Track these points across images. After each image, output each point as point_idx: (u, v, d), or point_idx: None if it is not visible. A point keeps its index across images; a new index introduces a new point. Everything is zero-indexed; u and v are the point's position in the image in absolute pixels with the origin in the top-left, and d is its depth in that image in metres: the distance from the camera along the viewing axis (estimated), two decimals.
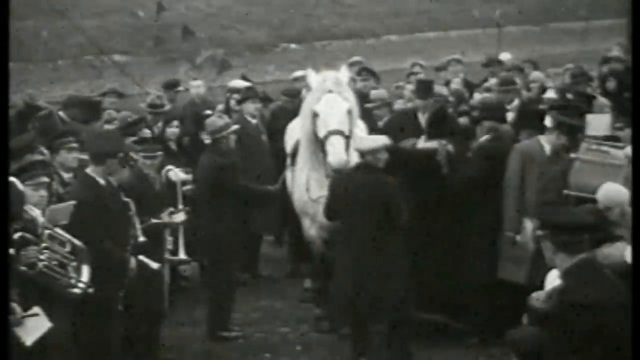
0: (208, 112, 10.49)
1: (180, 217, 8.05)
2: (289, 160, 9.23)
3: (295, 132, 9.33)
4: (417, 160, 8.62)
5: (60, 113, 11.28)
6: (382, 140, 7.93)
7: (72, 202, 6.72)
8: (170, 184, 8.46)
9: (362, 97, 10.61)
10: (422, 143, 8.85)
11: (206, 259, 9.13)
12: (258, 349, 8.64)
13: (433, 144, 8.63)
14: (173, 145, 9.79)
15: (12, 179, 6.26)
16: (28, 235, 6.22)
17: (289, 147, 9.37)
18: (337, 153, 7.99)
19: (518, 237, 8.06)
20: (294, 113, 9.82)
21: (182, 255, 8.20)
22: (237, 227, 8.65)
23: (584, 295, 5.16)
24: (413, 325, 8.07)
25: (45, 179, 6.74)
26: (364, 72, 12.06)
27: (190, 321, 9.16)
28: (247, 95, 10.62)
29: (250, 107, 10.41)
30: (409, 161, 8.58)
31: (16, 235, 6.11)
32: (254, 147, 10.10)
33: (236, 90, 11.29)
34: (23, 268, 6.13)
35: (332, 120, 8.15)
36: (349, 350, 8.13)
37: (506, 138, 8.61)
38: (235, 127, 8.82)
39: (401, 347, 7.94)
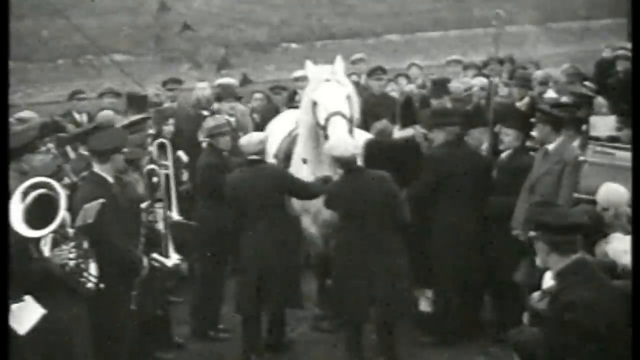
0: (204, 112, 10.62)
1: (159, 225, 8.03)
2: (274, 158, 9.22)
3: (277, 132, 9.34)
4: (400, 150, 8.71)
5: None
6: (351, 148, 7.90)
7: (100, 201, 6.79)
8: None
9: (375, 97, 10.72)
10: (397, 132, 9.03)
11: (198, 258, 9.17)
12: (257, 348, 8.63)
13: (408, 132, 8.80)
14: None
15: (49, 180, 6.37)
16: (58, 236, 6.36)
17: (273, 147, 9.33)
18: (338, 133, 7.98)
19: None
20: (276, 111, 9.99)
21: (173, 256, 8.14)
22: (228, 226, 8.64)
23: (577, 295, 5.16)
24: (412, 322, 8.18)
25: (68, 180, 6.98)
26: (378, 71, 12.05)
27: (189, 320, 9.14)
28: (222, 94, 10.83)
29: (225, 106, 10.70)
30: (391, 152, 8.67)
31: (50, 236, 6.26)
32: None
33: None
34: (57, 267, 6.28)
35: (331, 104, 8.17)
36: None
37: (464, 143, 8.66)
38: (227, 128, 8.88)
39: (392, 347, 7.99)
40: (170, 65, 25.78)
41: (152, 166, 8.40)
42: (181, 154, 9.78)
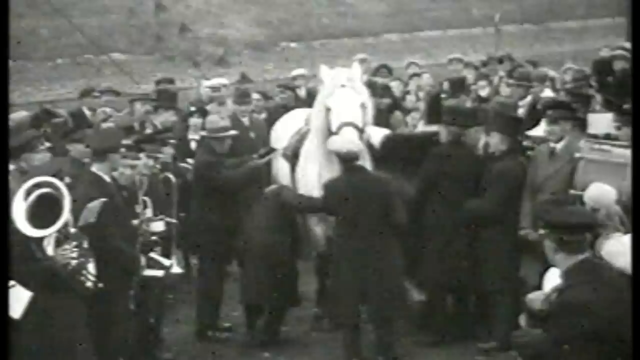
0: (192, 108, 10.69)
1: (159, 226, 7.85)
2: (283, 155, 9.23)
3: (288, 128, 9.35)
4: (419, 144, 8.71)
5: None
6: (348, 144, 7.94)
7: (103, 200, 6.80)
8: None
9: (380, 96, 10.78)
10: (421, 127, 8.99)
11: (196, 256, 9.17)
12: (257, 348, 8.65)
13: (432, 128, 8.78)
14: None
15: (53, 179, 6.39)
16: (60, 235, 6.37)
17: (281, 143, 9.34)
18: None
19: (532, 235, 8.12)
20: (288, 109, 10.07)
21: (174, 267, 8.08)
22: (227, 224, 8.66)
23: (584, 295, 5.14)
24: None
25: (68, 180, 6.97)
26: (382, 69, 12.11)
27: (189, 320, 9.14)
28: (241, 99, 10.89)
29: (242, 107, 10.76)
30: (409, 146, 8.68)
31: (54, 235, 6.27)
32: (243, 144, 10.16)
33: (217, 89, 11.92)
34: (59, 267, 6.30)
35: (344, 113, 8.16)
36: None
37: (468, 143, 8.66)
38: (234, 132, 8.90)
39: (390, 346, 8.03)
40: (168, 65, 25.79)
41: (167, 174, 8.47)
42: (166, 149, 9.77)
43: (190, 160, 9.67)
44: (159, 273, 7.55)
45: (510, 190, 8.14)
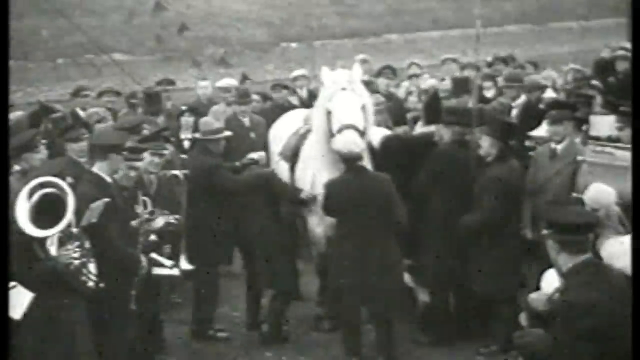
0: (183, 107, 10.76)
1: (159, 222, 7.78)
2: (281, 157, 9.23)
3: (286, 128, 9.35)
4: (416, 145, 8.71)
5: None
6: (351, 145, 7.97)
7: (105, 200, 6.79)
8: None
9: (385, 97, 10.77)
10: (420, 128, 8.99)
11: (194, 258, 9.17)
12: (259, 348, 8.65)
13: (430, 129, 8.77)
14: None
15: (56, 179, 6.41)
16: (63, 235, 6.39)
17: (278, 145, 9.35)
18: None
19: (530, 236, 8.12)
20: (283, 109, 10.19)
21: (183, 264, 8.11)
22: (228, 226, 8.68)
23: (586, 295, 5.15)
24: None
25: (70, 180, 6.98)
26: (386, 70, 12.10)
27: (190, 320, 9.15)
28: (241, 99, 10.91)
29: (242, 107, 10.82)
30: (407, 148, 8.69)
31: (57, 235, 6.30)
32: (243, 144, 10.17)
33: (227, 90, 11.91)
34: (61, 267, 6.31)
35: (345, 116, 8.18)
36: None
37: (471, 143, 8.63)
38: (228, 133, 8.89)
39: (391, 346, 8.03)
40: (169, 65, 25.79)
41: (175, 172, 8.45)
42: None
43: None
44: (175, 272, 7.58)
45: (502, 197, 8.08)
